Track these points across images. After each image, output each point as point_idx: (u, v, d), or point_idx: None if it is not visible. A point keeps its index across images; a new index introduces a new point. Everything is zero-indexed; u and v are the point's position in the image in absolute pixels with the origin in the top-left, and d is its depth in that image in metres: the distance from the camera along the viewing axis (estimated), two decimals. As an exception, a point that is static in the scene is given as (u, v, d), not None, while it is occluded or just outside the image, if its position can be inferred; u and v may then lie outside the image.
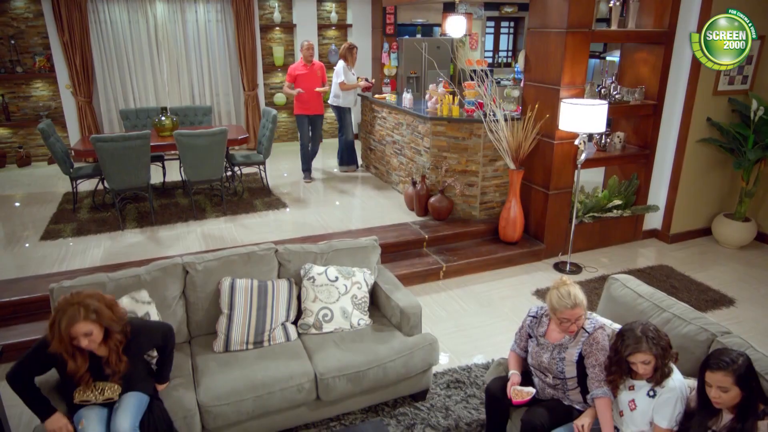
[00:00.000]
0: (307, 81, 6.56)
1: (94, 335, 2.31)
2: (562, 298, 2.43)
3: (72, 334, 2.27)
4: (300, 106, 6.66)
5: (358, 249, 3.51)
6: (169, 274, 3.11)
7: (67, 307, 2.28)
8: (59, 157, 5.46)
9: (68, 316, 2.26)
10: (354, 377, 2.92)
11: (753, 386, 2.04)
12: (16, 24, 7.32)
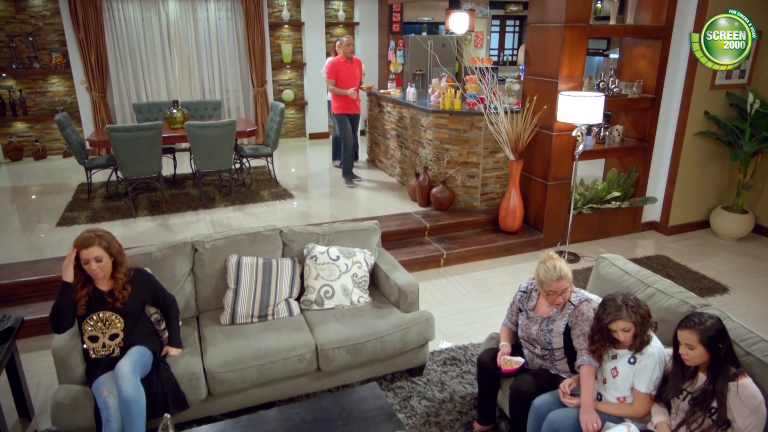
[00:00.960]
0: (348, 79, 6.29)
1: (103, 262, 2.61)
2: (549, 271, 2.57)
3: (83, 256, 2.56)
4: (341, 105, 6.38)
5: (359, 231, 3.67)
6: (178, 251, 3.29)
7: (83, 235, 2.62)
8: (75, 147, 5.67)
9: (83, 242, 2.59)
10: (353, 349, 3.07)
11: (721, 348, 2.16)
12: (33, 21, 7.57)
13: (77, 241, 2.65)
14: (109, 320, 2.72)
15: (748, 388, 2.10)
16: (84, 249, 2.61)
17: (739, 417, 2.08)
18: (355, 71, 6.36)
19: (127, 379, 2.54)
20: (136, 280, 2.83)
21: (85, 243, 2.62)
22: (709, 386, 2.17)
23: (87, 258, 2.61)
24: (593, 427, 2.32)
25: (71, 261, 2.63)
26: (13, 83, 7.68)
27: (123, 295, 2.73)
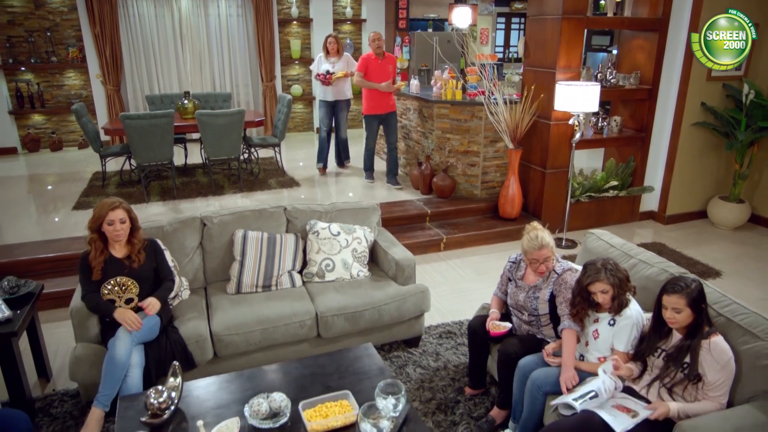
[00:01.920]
0: (378, 77, 5.86)
1: (125, 224, 2.85)
2: (531, 240, 2.73)
3: (109, 217, 2.80)
4: (370, 105, 5.97)
5: (360, 210, 3.85)
6: (188, 226, 3.48)
7: (107, 200, 2.88)
8: (90, 136, 5.90)
9: (109, 204, 2.84)
10: (351, 317, 3.24)
11: (702, 309, 2.30)
12: (51, 17, 7.83)
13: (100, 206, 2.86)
14: (125, 285, 2.91)
15: (719, 345, 2.24)
16: (111, 210, 2.83)
17: (709, 372, 2.23)
18: (387, 68, 5.93)
19: (122, 341, 2.71)
20: (149, 249, 3.03)
21: (112, 205, 2.85)
22: (683, 344, 2.31)
23: (113, 219, 2.82)
24: (571, 384, 2.47)
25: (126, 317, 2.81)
26: (32, 77, 7.95)
27: (139, 258, 2.93)
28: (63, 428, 2.87)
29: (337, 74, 6.35)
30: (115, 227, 2.84)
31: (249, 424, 2.19)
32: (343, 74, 6.39)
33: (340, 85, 6.43)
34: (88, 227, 2.92)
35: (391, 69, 6.01)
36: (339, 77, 6.37)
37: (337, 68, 6.39)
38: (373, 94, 5.91)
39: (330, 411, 2.22)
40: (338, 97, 6.50)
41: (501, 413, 2.87)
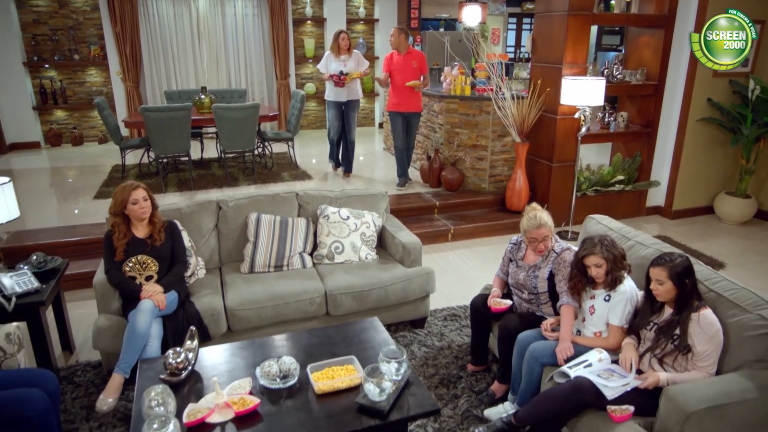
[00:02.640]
0: (402, 74, 5.67)
1: (148, 202, 3.03)
2: (530, 219, 2.86)
3: (134, 196, 2.99)
4: (393, 102, 5.80)
5: (369, 196, 3.99)
6: (205, 208, 3.66)
7: (126, 183, 3.06)
8: (111, 129, 6.12)
9: (130, 186, 3.02)
10: (359, 296, 3.39)
11: (688, 284, 2.41)
12: (75, 16, 8.10)
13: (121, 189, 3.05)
14: (145, 263, 3.08)
15: (708, 317, 2.35)
16: (133, 190, 3.01)
17: (698, 343, 2.33)
18: (411, 64, 5.66)
19: (143, 313, 2.88)
20: (168, 229, 3.20)
21: (132, 186, 3.04)
22: (674, 317, 2.42)
23: (137, 198, 3.01)
24: (566, 355, 2.59)
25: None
26: (55, 74, 8.22)
27: (160, 236, 3.10)
28: (86, 394, 3.05)
29: (352, 75, 5.97)
30: (140, 205, 3.02)
31: (260, 384, 2.33)
32: (358, 75, 6.03)
33: (353, 84, 6.12)
34: (110, 212, 3.07)
35: (416, 65, 5.69)
36: (354, 78, 6.02)
37: (348, 67, 6.01)
38: (398, 91, 5.71)
39: (336, 374, 2.36)
40: (350, 97, 6.15)
41: (501, 387, 2.99)
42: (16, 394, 2.29)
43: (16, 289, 2.92)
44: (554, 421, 2.42)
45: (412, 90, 5.69)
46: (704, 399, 2.13)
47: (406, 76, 5.66)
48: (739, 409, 2.16)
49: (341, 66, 6.00)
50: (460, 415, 2.88)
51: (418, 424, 2.81)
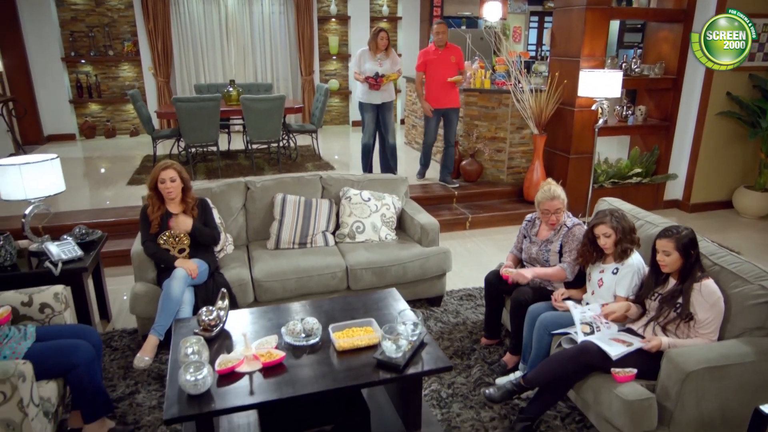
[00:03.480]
0: (439, 69, 5.54)
1: (176, 183, 3.22)
2: (545, 192, 3.00)
3: (161, 176, 3.18)
4: (429, 97, 5.65)
5: (389, 180, 4.18)
6: (234, 188, 3.87)
7: (161, 162, 3.26)
8: (144, 119, 6.41)
9: (162, 165, 3.22)
10: (378, 271, 3.56)
11: (693, 255, 2.52)
12: (110, 14, 8.45)
13: (155, 167, 3.26)
14: (178, 237, 3.29)
15: (710, 287, 2.47)
16: (162, 170, 3.22)
17: (700, 311, 2.45)
18: (449, 59, 5.55)
19: (177, 281, 3.09)
20: (200, 206, 3.41)
21: (163, 166, 3.25)
22: (678, 287, 2.54)
23: (164, 178, 3.21)
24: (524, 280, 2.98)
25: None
26: (90, 69, 8.58)
27: (193, 214, 3.30)
28: (122, 357, 3.27)
29: (389, 77, 5.62)
30: (166, 185, 3.21)
31: (285, 341, 2.52)
32: (395, 76, 5.71)
33: (387, 84, 5.74)
34: (147, 186, 3.32)
35: (455, 60, 5.57)
36: (391, 79, 5.68)
37: (384, 68, 5.63)
38: (435, 86, 5.57)
39: (356, 333, 2.53)
40: (385, 99, 5.77)
41: (513, 358, 3.13)
42: (67, 343, 2.52)
43: (62, 256, 3.16)
44: (561, 383, 2.55)
45: (452, 85, 5.56)
46: (703, 360, 2.25)
47: (446, 72, 5.52)
48: (738, 372, 2.27)
49: (377, 66, 5.63)
50: (472, 383, 3.03)
51: (433, 389, 2.97)
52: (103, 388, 2.58)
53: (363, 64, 5.66)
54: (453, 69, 5.57)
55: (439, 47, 5.57)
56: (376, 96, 5.73)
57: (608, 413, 2.34)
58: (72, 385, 2.50)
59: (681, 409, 2.27)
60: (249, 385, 2.26)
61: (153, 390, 2.98)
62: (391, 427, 2.59)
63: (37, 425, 2.29)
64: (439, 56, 5.57)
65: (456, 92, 5.65)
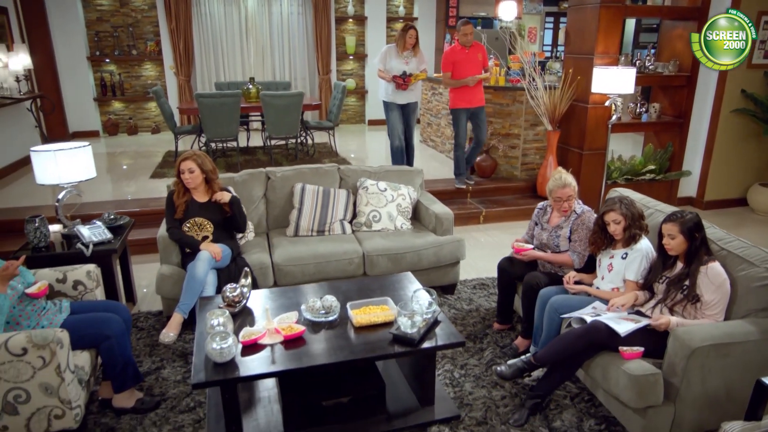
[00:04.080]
0: (466, 68, 5.44)
1: (194, 174, 3.33)
2: (556, 180, 3.10)
3: (181, 167, 3.31)
4: (458, 97, 5.53)
5: (405, 172, 4.29)
6: (255, 178, 4.01)
7: (185, 152, 3.39)
8: (167, 115, 6.60)
9: (182, 156, 3.35)
10: (394, 258, 3.67)
11: (698, 238, 2.60)
12: (134, 15, 8.70)
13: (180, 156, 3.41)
14: (201, 225, 3.43)
15: (716, 269, 2.54)
16: (182, 161, 3.35)
17: (706, 292, 2.53)
18: (476, 57, 5.49)
19: (202, 262, 3.23)
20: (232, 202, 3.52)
21: (183, 157, 3.38)
22: (685, 270, 2.62)
23: (183, 169, 3.34)
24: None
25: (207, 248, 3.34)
26: (114, 68, 8.82)
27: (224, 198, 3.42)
28: (148, 336, 3.42)
29: (417, 76, 5.48)
30: (185, 176, 3.34)
31: (305, 317, 2.64)
32: (423, 76, 5.57)
33: (414, 84, 5.59)
34: (175, 175, 3.47)
35: (481, 58, 5.51)
36: (419, 79, 5.54)
37: (411, 66, 5.47)
38: (464, 86, 5.46)
39: (372, 311, 2.64)
40: (411, 99, 5.63)
41: (524, 342, 3.22)
42: (99, 316, 2.67)
43: (93, 238, 3.32)
44: (570, 362, 2.64)
45: (479, 83, 5.51)
46: (708, 337, 2.33)
47: (472, 70, 5.45)
48: (742, 350, 2.35)
49: (403, 65, 5.45)
50: (484, 364, 3.12)
51: (446, 369, 3.07)
52: (132, 360, 2.72)
53: (389, 62, 5.48)
54: (479, 67, 5.51)
55: (465, 46, 5.47)
56: (401, 96, 5.55)
57: (616, 389, 2.42)
58: (104, 356, 2.64)
59: (687, 385, 2.34)
60: (271, 355, 2.39)
61: (177, 366, 3.11)
62: (406, 402, 2.71)
63: (72, 390, 2.43)
64: (466, 55, 5.48)
65: (482, 91, 5.60)
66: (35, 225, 3.26)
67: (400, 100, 5.57)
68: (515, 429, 2.62)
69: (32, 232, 3.26)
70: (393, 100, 5.57)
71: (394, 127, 5.63)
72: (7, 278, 2.43)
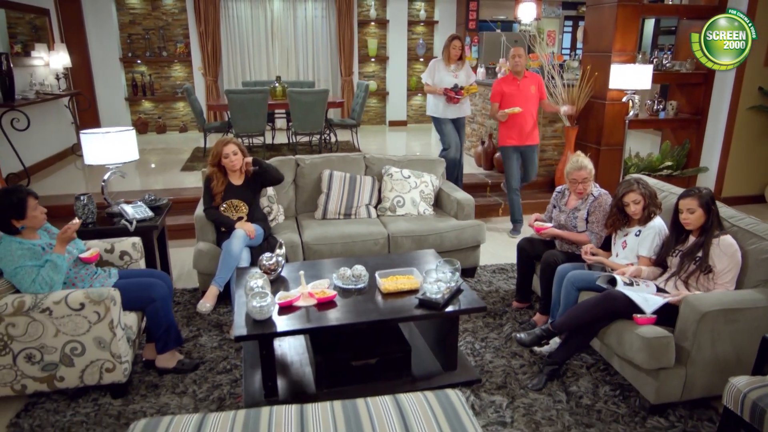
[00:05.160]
0: (517, 100, 4.79)
1: (238, 156, 3.53)
2: (572, 163, 3.26)
3: (225, 151, 3.49)
4: (507, 133, 4.89)
5: (427, 161, 4.48)
6: (285, 164, 4.22)
7: (220, 140, 3.58)
8: (197, 112, 6.88)
9: (223, 141, 3.54)
10: (417, 239, 3.85)
11: (713, 211, 2.73)
12: (164, 18, 9.04)
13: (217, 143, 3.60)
14: (237, 206, 3.63)
15: (727, 240, 2.68)
16: (225, 146, 3.53)
17: (718, 262, 2.66)
18: (528, 90, 4.81)
19: (237, 239, 3.42)
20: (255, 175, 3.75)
21: (224, 142, 3.57)
22: (698, 241, 2.75)
23: (228, 152, 3.52)
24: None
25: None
26: (145, 69, 9.17)
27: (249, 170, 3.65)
28: (185, 309, 3.64)
29: (469, 89, 5.16)
30: (230, 159, 3.53)
31: (335, 284, 2.83)
32: (476, 89, 5.27)
33: (465, 98, 5.25)
34: (209, 163, 3.63)
35: (535, 91, 4.84)
36: (472, 92, 5.22)
37: (460, 79, 5.17)
38: (515, 121, 4.81)
39: (399, 279, 2.82)
40: (461, 114, 5.32)
41: (542, 318, 3.37)
42: (146, 281, 2.89)
43: (136, 215, 3.55)
44: (587, 329, 2.78)
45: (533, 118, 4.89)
46: (718, 303, 2.46)
47: (525, 105, 4.79)
48: (750, 316, 2.48)
49: (452, 78, 5.15)
50: (504, 338, 3.27)
51: (467, 341, 3.22)
52: (174, 323, 2.93)
53: (437, 76, 5.18)
54: (534, 101, 4.87)
55: (516, 75, 4.82)
56: (452, 110, 5.20)
57: (630, 352, 2.56)
58: (149, 318, 2.85)
59: (697, 349, 2.48)
60: (305, 315, 2.58)
61: (213, 335, 3.32)
62: (429, 367, 2.87)
63: (122, 346, 2.64)
64: (517, 87, 4.81)
65: (534, 125, 4.94)
66: (83, 202, 3.50)
67: (451, 114, 5.26)
68: (533, 393, 2.76)
69: (80, 209, 3.50)
70: (443, 115, 5.25)
71: (451, 139, 5.24)
72: (66, 240, 2.66)
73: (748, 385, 2.09)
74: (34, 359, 2.56)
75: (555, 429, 2.51)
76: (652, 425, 2.54)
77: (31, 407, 2.68)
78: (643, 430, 2.52)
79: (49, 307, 2.49)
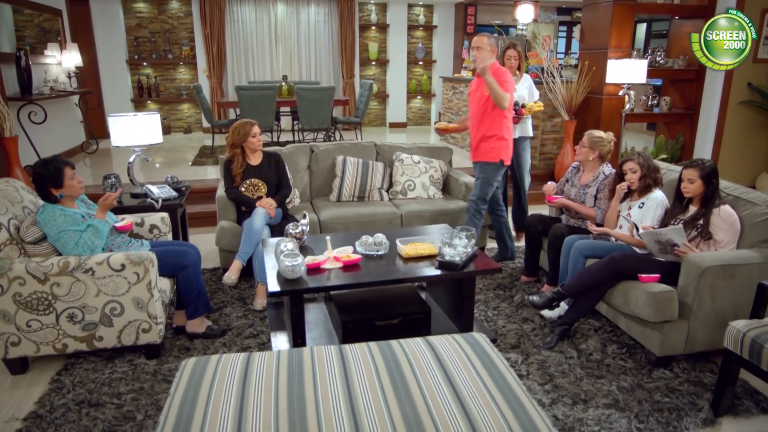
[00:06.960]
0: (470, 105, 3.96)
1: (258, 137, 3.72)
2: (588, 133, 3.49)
3: (253, 130, 3.67)
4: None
5: (435, 149, 4.67)
6: (300, 151, 4.41)
7: (242, 122, 3.73)
8: (205, 109, 7.07)
9: (250, 123, 3.71)
10: (429, 219, 4.04)
11: (713, 183, 2.93)
12: (171, 21, 9.25)
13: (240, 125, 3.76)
14: (256, 186, 3.81)
15: (727, 210, 2.88)
16: (252, 126, 3.71)
17: (718, 231, 2.86)
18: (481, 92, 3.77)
19: (258, 217, 3.59)
20: (274, 158, 3.93)
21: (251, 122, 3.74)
22: (699, 212, 2.95)
23: (255, 132, 3.72)
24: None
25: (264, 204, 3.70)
26: (151, 71, 9.35)
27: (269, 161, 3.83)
28: (208, 285, 3.79)
29: (532, 107, 4.34)
30: (257, 138, 3.74)
31: (358, 250, 3.00)
32: (539, 107, 4.40)
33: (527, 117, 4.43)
34: (230, 145, 3.81)
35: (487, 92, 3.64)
36: (535, 111, 4.39)
37: (519, 94, 4.31)
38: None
39: (418, 245, 3.00)
40: (524, 133, 4.45)
41: (550, 289, 3.54)
42: (177, 249, 3.05)
43: (162, 195, 3.72)
44: (595, 290, 2.96)
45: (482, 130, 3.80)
46: (717, 259, 2.66)
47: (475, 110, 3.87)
48: (746, 272, 2.67)
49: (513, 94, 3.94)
50: (514, 306, 3.45)
51: (481, 310, 3.40)
52: (204, 290, 3.08)
53: None
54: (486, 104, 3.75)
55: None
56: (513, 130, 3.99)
57: (635, 308, 2.75)
58: (181, 283, 3.01)
59: (699, 303, 2.67)
60: (332, 275, 2.75)
61: (237, 307, 3.47)
62: (447, 330, 3.04)
63: (158, 308, 2.80)
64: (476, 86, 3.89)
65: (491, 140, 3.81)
66: (111, 181, 3.67)
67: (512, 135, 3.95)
68: (546, 350, 2.94)
69: (109, 188, 3.66)
70: None
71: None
72: (106, 207, 2.83)
73: (747, 326, 2.28)
74: (75, 318, 2.70)
75: (568, 380, 2.69)
76: (657, 376, 2.72)
77: (70, 366, 2.82)
78: (650, 380, 2.70)
79: (92, 267, 2.64)
